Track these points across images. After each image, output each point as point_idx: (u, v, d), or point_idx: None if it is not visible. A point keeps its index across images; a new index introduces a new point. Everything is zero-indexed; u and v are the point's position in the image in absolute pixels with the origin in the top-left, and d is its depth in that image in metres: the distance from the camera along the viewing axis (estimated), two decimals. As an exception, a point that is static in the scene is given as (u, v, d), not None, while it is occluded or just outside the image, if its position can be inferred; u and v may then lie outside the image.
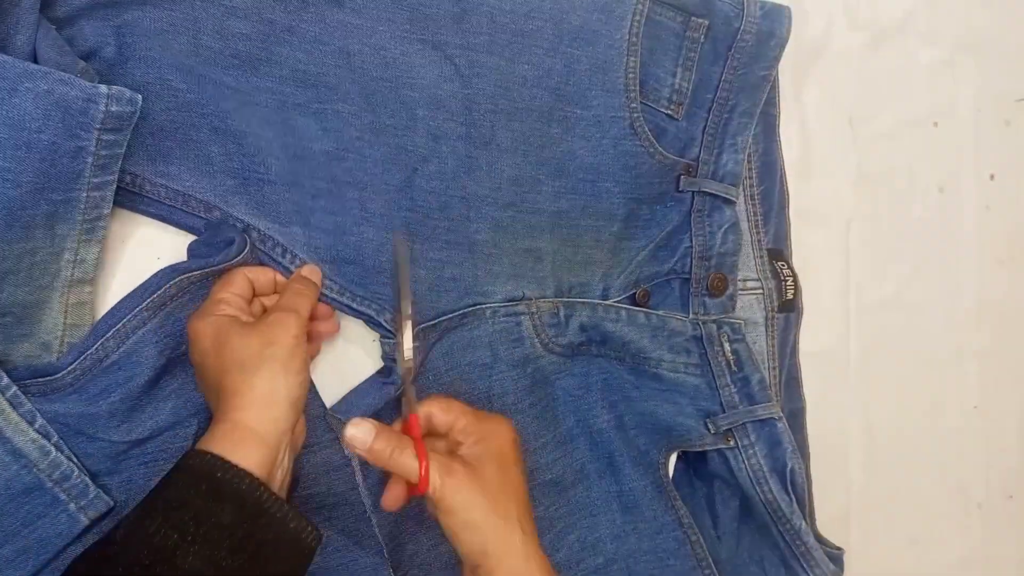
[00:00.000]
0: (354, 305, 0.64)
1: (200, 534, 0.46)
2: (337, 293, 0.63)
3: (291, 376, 0.52)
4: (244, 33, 0.58)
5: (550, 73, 0.65)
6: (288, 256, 0.61)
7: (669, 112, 0.69)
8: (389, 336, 0.64)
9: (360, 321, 0.65)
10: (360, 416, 0.55)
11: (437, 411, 0.59)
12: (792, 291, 0.76)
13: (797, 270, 0.77)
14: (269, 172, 0.60)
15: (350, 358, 0.66)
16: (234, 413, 0.51)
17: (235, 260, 0.59)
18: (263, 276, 0.61)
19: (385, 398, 0.63)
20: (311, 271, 0.61)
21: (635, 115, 0.67)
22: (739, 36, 0.68)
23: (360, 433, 0.54)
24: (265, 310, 0.61)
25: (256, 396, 0.51)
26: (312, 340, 0.62)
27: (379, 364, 0.67)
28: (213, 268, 0.58)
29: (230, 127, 0.59)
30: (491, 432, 0.59)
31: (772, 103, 0.75)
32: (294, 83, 0.60)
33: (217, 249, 0.59)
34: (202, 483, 0.48)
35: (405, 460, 0.54)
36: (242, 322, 0.55)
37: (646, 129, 0.68)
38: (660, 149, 0.69)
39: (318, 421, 0.63)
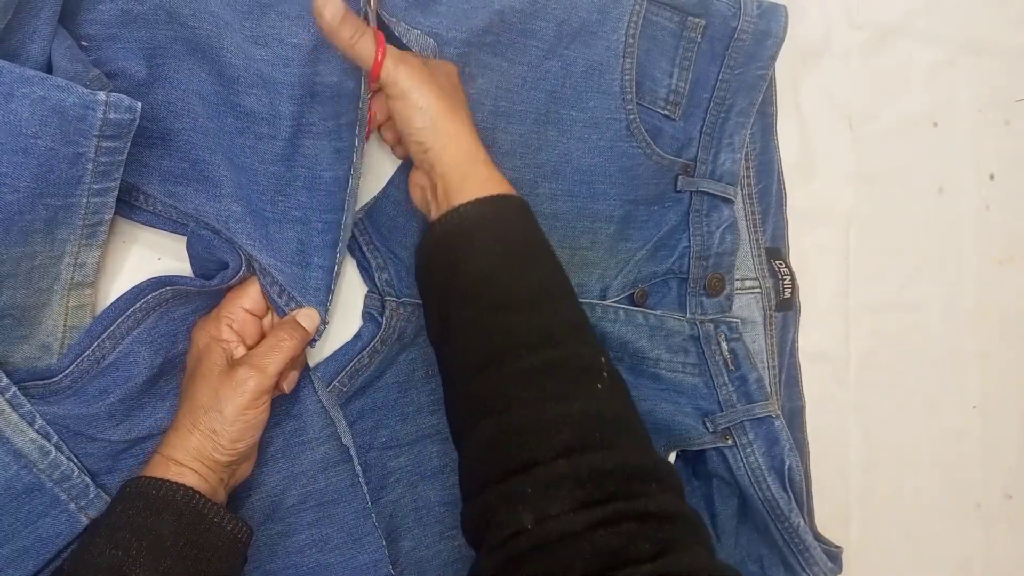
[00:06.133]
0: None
1: (144, 547, 0.49)
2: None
3: (224, 442, 0.54)
4: (265, 59, 0.56)
5: (547, 75, 0.65)
6: (284, 297, 0.60)
7: (666, 112, 0.69)
8: (375, 292, 0.65)
9: (349, 306, 0.66)
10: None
11: (389, 58, 0.58)
12: (789, 290, 0.76)
13: (796, 270, 0.77)
14: (275, 210, 0.59)
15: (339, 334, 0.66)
16: (169, 450, 0.54)
17: (232, 281, 0.59)
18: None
19: (357, 353, 0.64)
20: (307, 316, 0.60)
21: (631, 117, 0.67)
22: (736, 35, 0.68)
23: (330, 9, 0.52)
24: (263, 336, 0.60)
25: (190, 446, 0.54)
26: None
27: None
28: (209, 288, 0.59)
29: (243, 163, 0.59)
30: (440, 63, 0.60)
31: (769, 102, 0.75)
32: (311, 99, 0.58)
33: (216, 268, 0.60)
34: (139, 502, 0.51)
35: (364, 45, 0.53)
36: (222, 358, 0.57)
37: (643, 130, 0.68)
38: (657, 150, 0.69)
39: (316, 416, 0.64)
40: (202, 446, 0.53)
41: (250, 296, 0.60)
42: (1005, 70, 0.86)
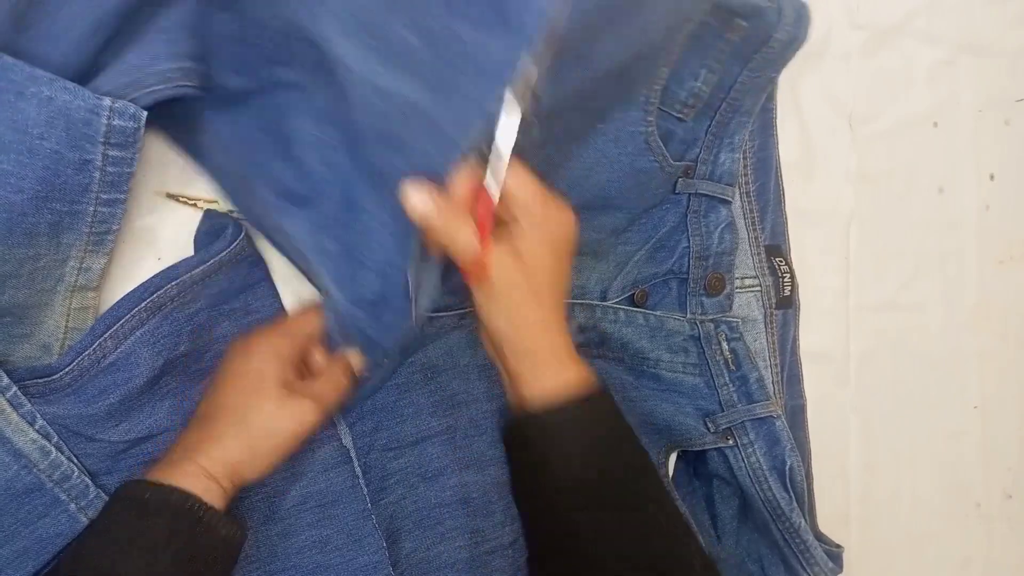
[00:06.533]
0: None
1: (139, 546, 0.48)
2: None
3: (261, 465, 0.54)
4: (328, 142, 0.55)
5: (581, 92, 0.61)
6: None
7: (680, 115, 0.68)
8: None
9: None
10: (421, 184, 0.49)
11: (511, 183, 0.53)
12: (789, 287, 0.76)
13: (796, 270, 0.77)
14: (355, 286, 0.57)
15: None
16: (207, 462, 0.52)
17: (232, 247, 0.59)
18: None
19: None
20: (357, 359, 0.60)
21: (650, 130, 0.65)
22: (770, 41, 0.64)
23: (420, 203, 0.49)
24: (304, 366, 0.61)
25: (230, 460, 0.52)
26: None
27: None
28: (211, 262, 0.59)
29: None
30: (551, 218, 0.54)
31: (770, 98, 0.74)
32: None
33: (215, 237, 0.60)
34: (133, 505, 0.50)
35: (461, 239, 0.50)
36: (279, 380, 0.55)
37: (660, 143, 0.66)
38: (671, 161, 0.67)
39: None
40: (240, 464, 0.53)
41: (310, 323, 0.59)
42: (1005, 70, 0.86)
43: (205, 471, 0.52)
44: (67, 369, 0.55)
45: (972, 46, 0.84)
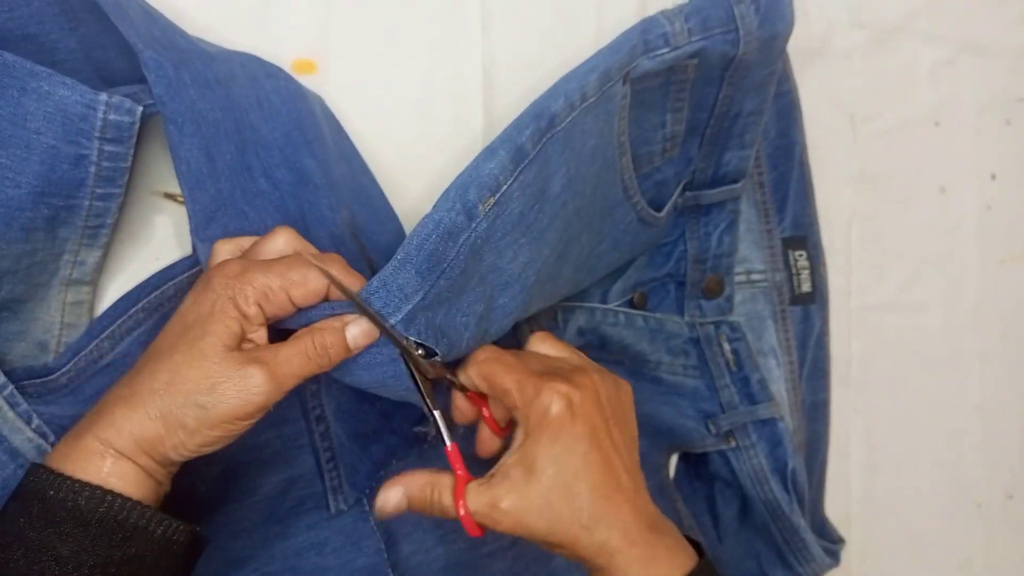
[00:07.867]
0: None
1: (36, 573, 0.39)
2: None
3: (191, 444, 0.43)
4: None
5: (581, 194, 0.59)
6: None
7: (664, 160, 0.65)
8: None
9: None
10: (389, 483, 0.53)
11: (472, 505, 0.50)
12: (809, 283, 0.74)
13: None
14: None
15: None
16: (111, 434, 0.42)
17: None
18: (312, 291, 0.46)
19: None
20: (364, 333, 0.47)
21: (639, 208, 0.64)
22: (736, 61, 0.60)
23: (391, 506, 0.51)
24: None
25: (142, 435, 0.42)
26: None
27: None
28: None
29: None
30: (539, 415, 0.49)
31: (784, 79, 0.70)
32: None
33: None
34: (33, 507, 0.40)
35: (445, 505, 0.50)
36: (233, 335, 0.43)
37: (651, 212, 0.65)
38: (663, 218, 0.66)
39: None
40: (158, 439, 0.41)
41: (308, 289, 0.45)
42: (1006, 70, 0.86)
43: (110, 446, 0.41)
44: (64, 369, 0.55)
45: (974, 46, 0.84)
